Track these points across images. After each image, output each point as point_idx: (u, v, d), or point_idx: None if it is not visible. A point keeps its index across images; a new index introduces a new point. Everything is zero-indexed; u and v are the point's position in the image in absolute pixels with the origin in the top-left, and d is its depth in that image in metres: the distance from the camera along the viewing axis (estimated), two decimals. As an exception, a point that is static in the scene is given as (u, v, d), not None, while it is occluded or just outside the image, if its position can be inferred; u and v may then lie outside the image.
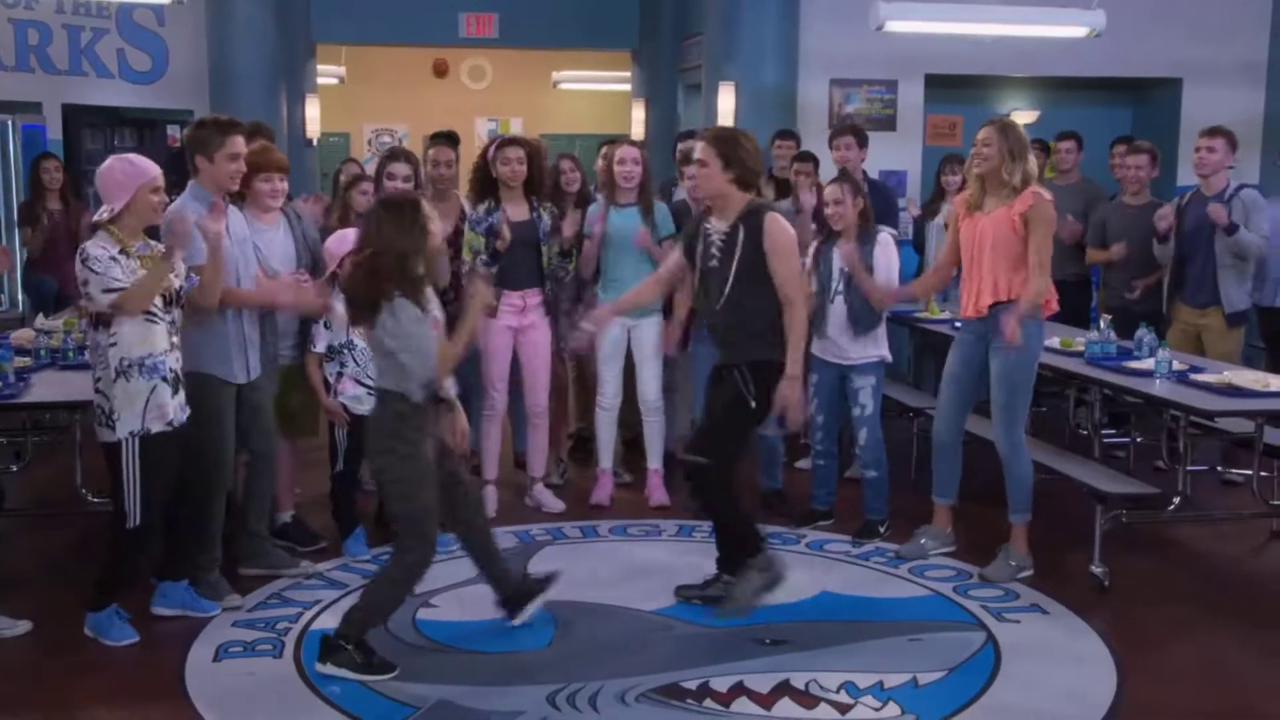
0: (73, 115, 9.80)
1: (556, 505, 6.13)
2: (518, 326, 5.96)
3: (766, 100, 8.91)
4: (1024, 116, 9.80)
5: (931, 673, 4.12)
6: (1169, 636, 4.53)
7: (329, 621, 4.55)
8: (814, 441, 5.85)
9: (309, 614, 4.67)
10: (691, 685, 4.01)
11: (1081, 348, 5.85)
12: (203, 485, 4.65)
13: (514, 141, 5.94)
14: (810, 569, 5.22)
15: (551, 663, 4.23)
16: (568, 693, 3.94)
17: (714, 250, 4.62)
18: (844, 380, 5.68)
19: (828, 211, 5.60)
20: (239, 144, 4.72)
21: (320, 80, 13.68)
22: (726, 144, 4.54)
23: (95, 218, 4.37)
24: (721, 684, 4.02)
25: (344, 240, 5.27)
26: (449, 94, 16.24)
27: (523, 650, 4.35)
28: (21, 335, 6.05)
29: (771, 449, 6.11)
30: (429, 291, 4.07)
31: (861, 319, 5.55)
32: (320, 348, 5.24)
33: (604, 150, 7.19)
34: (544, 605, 4.64)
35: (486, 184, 5.91)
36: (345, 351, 5.26)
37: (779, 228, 4.56)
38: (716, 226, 4.63)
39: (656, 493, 6.26)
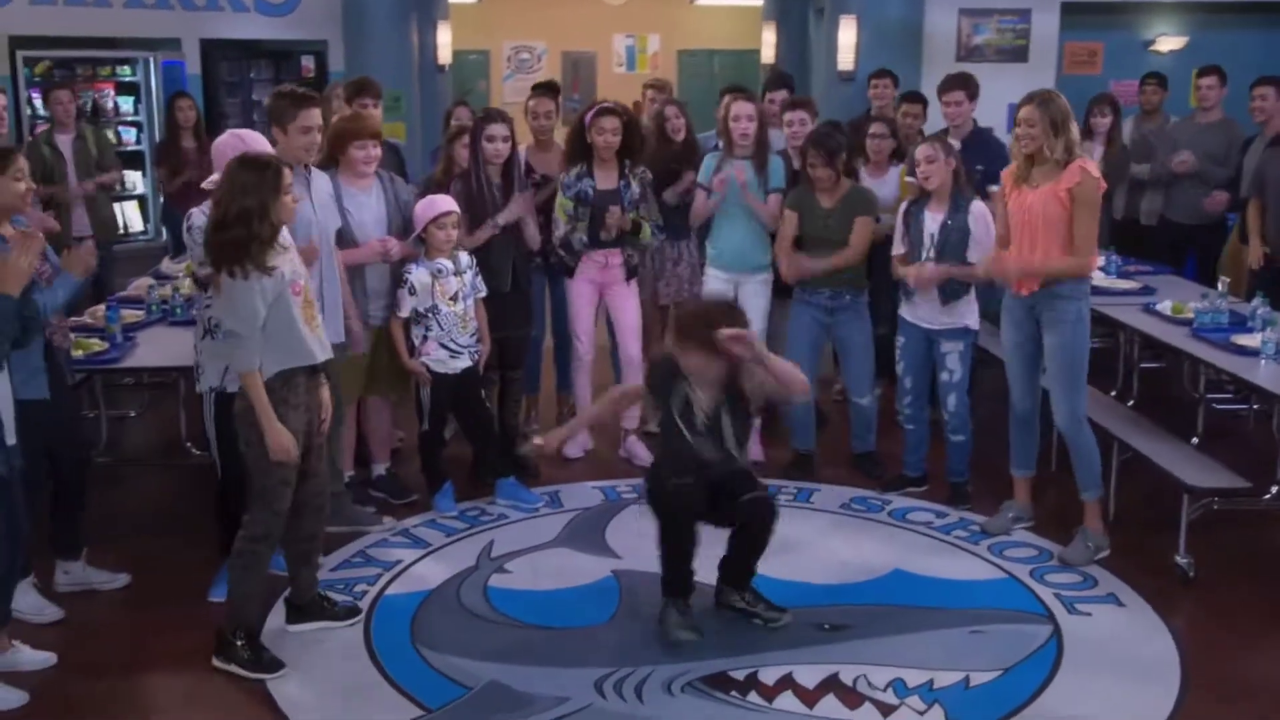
0: (210, 49, 10.08)
1: (648, 457, 6.18)
2: (601, 282, 6.01)
3: (890, 33, 8.64)
4: (1171, 43, 9.27)
5: (986, 672, 4.06)
6: (1249, 641, 4.35)
7: (402, 587, 4.76)
8: (901, 406, 5.75)
9: (387, 576, 4.86)
10: (740, 675, 4.05)
11: (1192, 314, 5.59)
12: None
13: (610, 111, 5.88)
14: (887, 543, 5.18)
15: (607, 643, 4.30)
16: (616, 679, 4.01)
17: None
18: (931, 345, 5.55)
19: (919, 170, 5.42)
20: (313, 117, 4.77)
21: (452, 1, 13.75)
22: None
23: (205, 184, 4.54)
24: (770, 675, 4.04)
25: (431, 205, 5.36)
26: (587, 10, 16.13)
27: (584, 626, 4.44)
28: (139, 286, 6.35)
29: (863, 413, 6.03)
30: (279, 255, 3.95)
31: (948, 287, 5.39)
32: (405, 312, 5.35)
33: (725, 99, 7.05)
34: (613, 574, 4.78)
35: (581, 149, 5.91)
36: (430, 316, 5.36)
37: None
38: None
39: (754, 448, 6.26)
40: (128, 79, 9.68)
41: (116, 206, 8.90)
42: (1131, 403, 6.20)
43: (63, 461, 4.60)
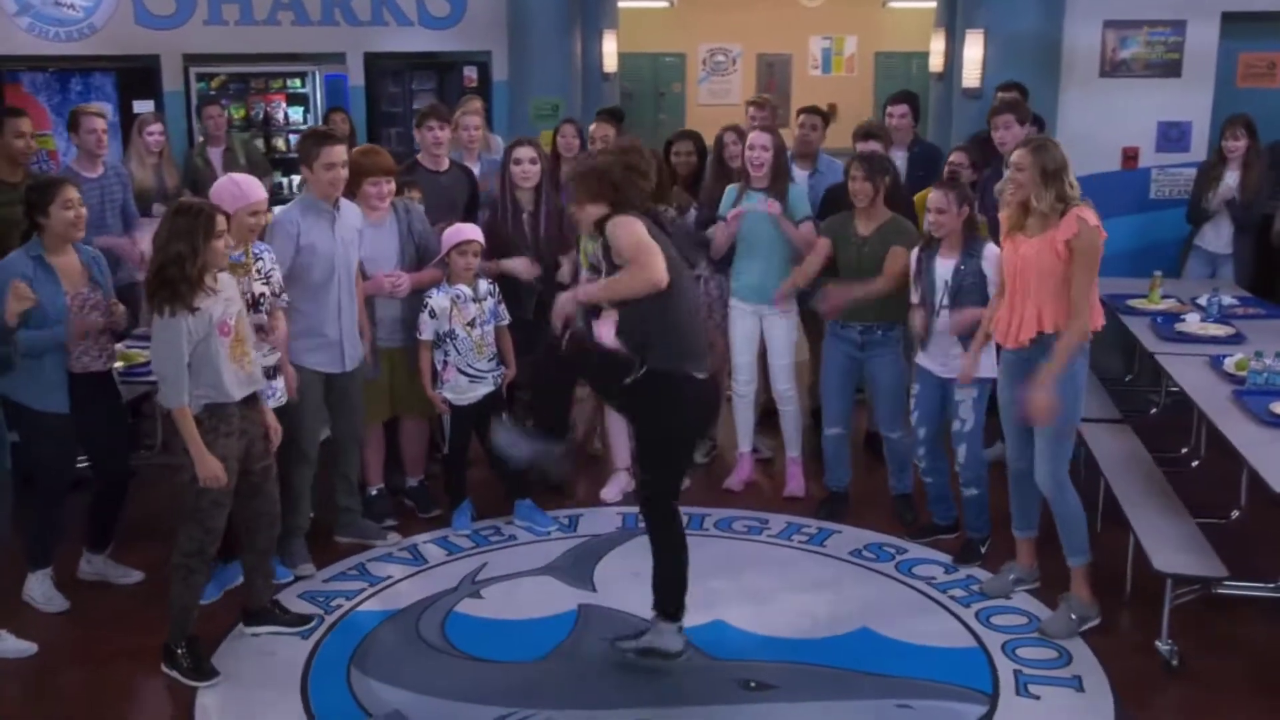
0: (373, 62, 10.59)
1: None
2: None
3: (1023, 47, 8.15)
4: (1357, 54, 8.37)
5: (885, 751, 3.90)
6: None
7: (375, 604, 4.97)
8: (917, 457, 5.53)
9: (371, 590, 5.08)
10: (637, 729, 4.04)
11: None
12: (285, 458, 5.12)
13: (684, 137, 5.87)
14: (873, 597, 5.00)
15: (525, 681, 4.34)
16: (512, 720, 4.09)
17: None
18: (946, 393, 5.31)
19: (928, 219, 5.20)
20: (336, 154, 5.07)
21: (646, 4, 13.92)
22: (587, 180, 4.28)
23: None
24: (667, 731, 4.02)
25: (456, 232, 5.54)
26: (783, 12, 15.98)
27: (514, 661, 4.51)
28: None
29: (896, 449, 5.83)
30: (209, 297, 4.18)
31: (968, 334, 5.14)
32: (426, 334, 5.54)
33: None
34: (578, 608, 4.87)
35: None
36: (448, 341, 5.53)
37: (615, 232, 4.17)
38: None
39: (792, 482, 6.20)
40: (298, 90, 10.32)
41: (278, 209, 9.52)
42: (1197, 462, 5.72)
43: (104, 472, 5.06)
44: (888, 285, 5.47)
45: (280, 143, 10.22)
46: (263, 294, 4.83)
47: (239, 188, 4.74)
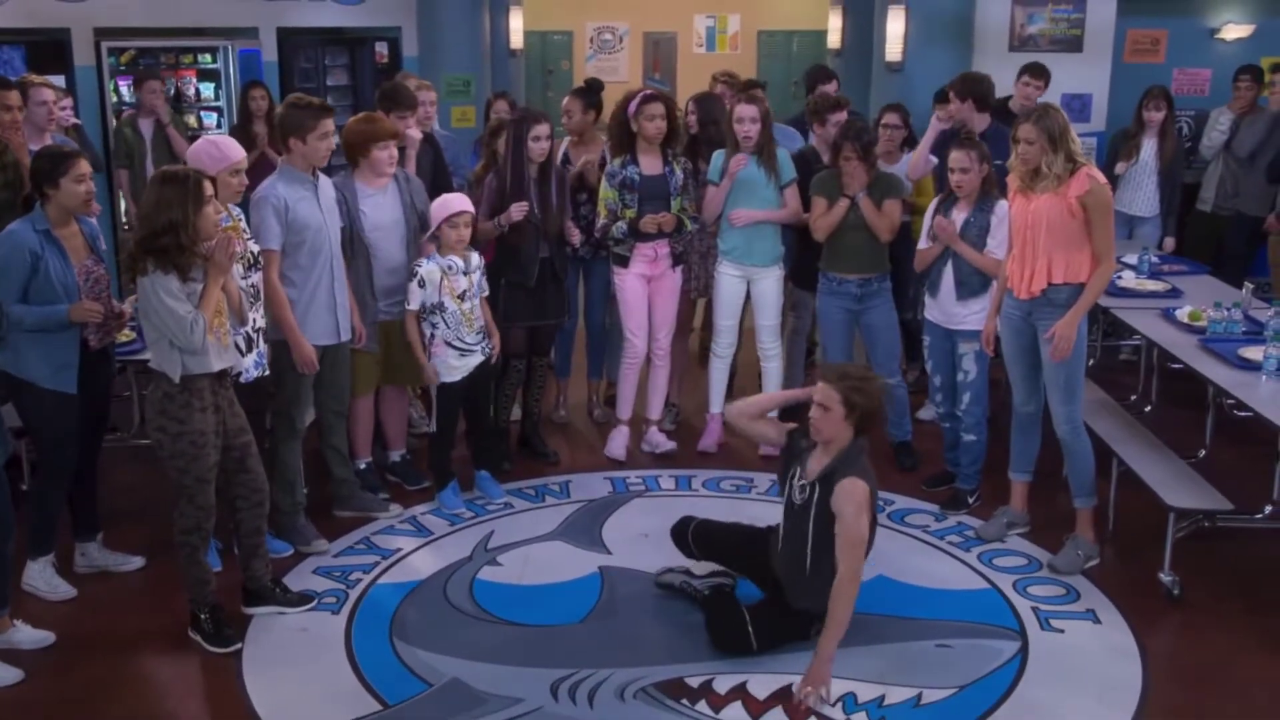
0: (286, 37, 10.36)
1: (668, 445, 6.33)
2: (650, 275, 6.09)
3: (940, 23, 8.52)
4: (1238, 31, 8.99)
5: (940, 690, 4.10)
6: (1219, 669, 4.28)
7: (394, 576, 4.95)
8: (934, 402, 5.84)
9: (385, 563, 5.06)
10: (695, 682, 4.13)
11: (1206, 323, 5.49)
12: (274, 434, 5.15)
13: (654, 98, 5.93)
14: (878, 546, 5.15)
15: (574, 643, 4.40)
16: (572, 682, 4.14)
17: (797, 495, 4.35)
18: (952, 344, 5.57)
19: (953, 178, 5.44)
20: (330, 125, 5.04)
21: (539, -19, 13.83)
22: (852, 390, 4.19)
23: None
24: (725, 683, 4.13)
25: (445, 204, 5.50)
26: (669, -10, 16.16)
27: (557, 624, 4.56)
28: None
29: (898, 399, 6.08)
30: (201, 266, 4.16)
31: (967, 281, 5.42)
32: (414, 304, 5.46)
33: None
34: (599, 570, 4.95)
35: (625, 137, 6.00)
36: (436, 313, 5.50)
37: (840, 494, 4.17)
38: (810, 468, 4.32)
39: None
40: (209, 66, 10.03)
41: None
42: (1149, 408, 6.10)
43: (83, 450, 4.87)
44: (887, 228, 5.79)
45: (192, 119, 9.92)
46: (257, 252, 4.78)
47: (219, 149, 4.69)
